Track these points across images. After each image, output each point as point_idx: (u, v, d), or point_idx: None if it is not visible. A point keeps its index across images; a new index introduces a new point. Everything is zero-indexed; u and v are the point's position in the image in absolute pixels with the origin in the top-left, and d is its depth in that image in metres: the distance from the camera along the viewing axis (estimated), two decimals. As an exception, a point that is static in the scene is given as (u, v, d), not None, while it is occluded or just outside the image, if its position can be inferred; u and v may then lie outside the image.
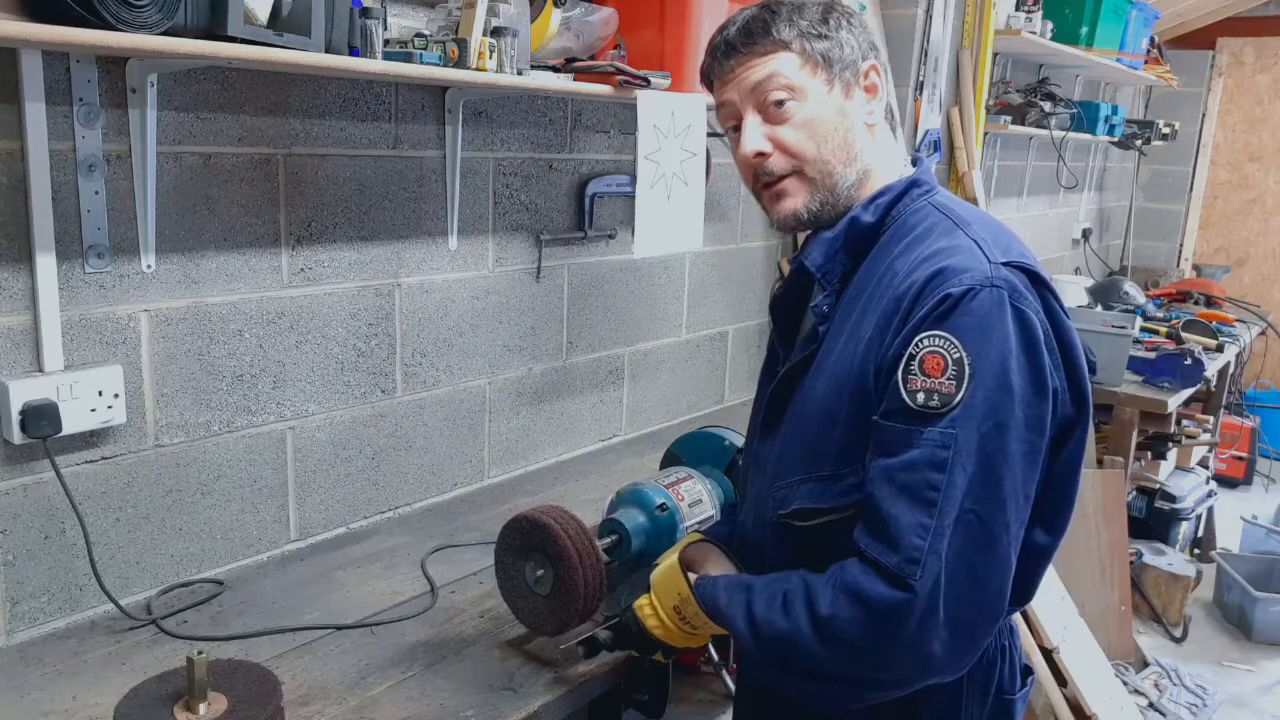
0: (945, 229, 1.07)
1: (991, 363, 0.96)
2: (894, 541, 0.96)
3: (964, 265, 1.00)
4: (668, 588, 1.20)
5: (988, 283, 0.98)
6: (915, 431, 0.97)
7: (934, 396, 0.97)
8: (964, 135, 3.24)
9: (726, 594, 1.12)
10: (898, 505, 0.97)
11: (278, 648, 1.41)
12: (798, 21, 1.10)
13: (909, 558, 0.95)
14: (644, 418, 2.55)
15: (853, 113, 1.12)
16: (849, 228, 1.12)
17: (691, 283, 2.61)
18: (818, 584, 1.02)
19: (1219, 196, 5.72)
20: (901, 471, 0.97)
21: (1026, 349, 0.98)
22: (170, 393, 1.53)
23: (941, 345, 0.97)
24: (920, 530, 0.95)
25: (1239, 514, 4.06)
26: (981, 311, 0.97)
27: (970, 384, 0.96)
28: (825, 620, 1.00)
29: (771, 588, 1.08)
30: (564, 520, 1.32)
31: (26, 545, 1.41)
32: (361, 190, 1.75)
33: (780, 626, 1.04)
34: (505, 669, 1.37)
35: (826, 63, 1.10)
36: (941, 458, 0.96)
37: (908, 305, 1.01)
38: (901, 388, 0.98)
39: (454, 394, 2.01)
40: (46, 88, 1.31)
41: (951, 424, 0.96)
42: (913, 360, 0.98)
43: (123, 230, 1.43)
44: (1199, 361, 3.32)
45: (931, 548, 0.95)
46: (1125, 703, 2.73)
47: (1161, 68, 4.68)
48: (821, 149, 1.11)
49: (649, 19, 1.94)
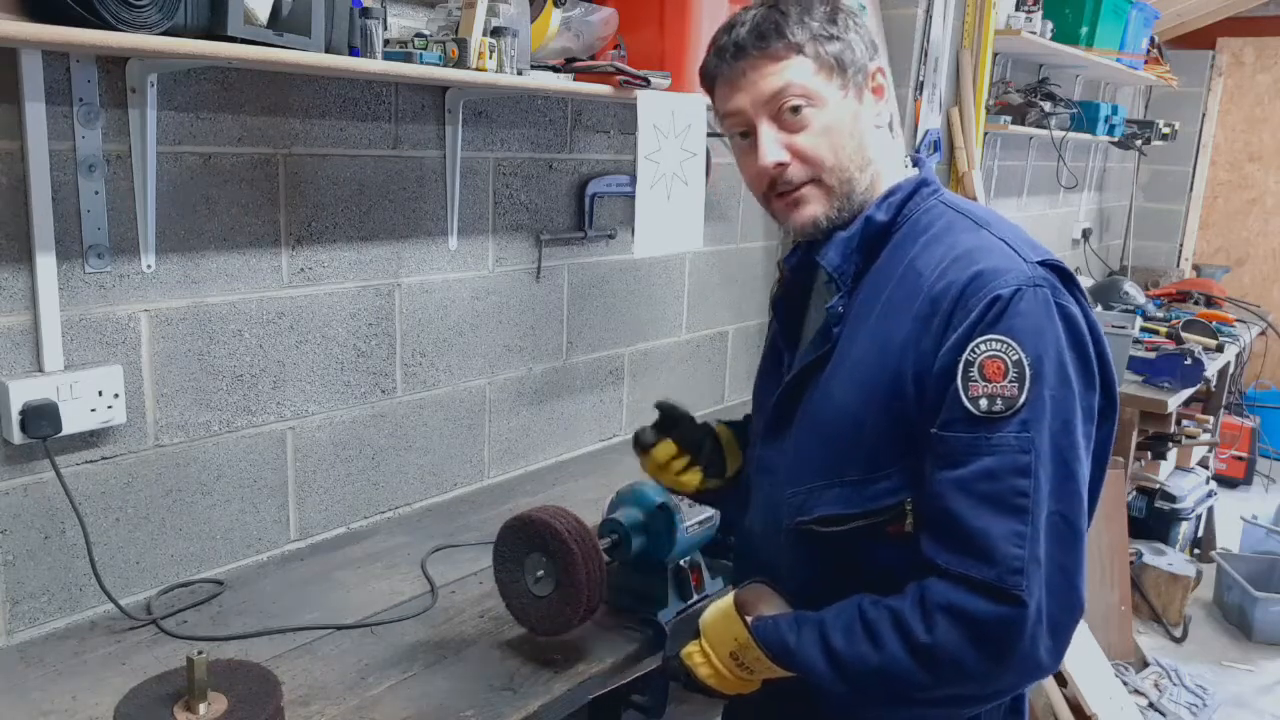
0: (964, 227, 1.07)
1: (1050, 361, 0.97)
2: (988, 555, 0.94)
3: (1003, 266, 1.00)
4: (721, 634, 1.13)
5: (1030, 282, 0.99)
6: (981, 438, 0.96)
7: (997, 401, 0.96)
8: (964, 135, 3.24)
9: (794, 634, 1.06)
10: (983, 517, 0.95)
11: (278, 648, 1.41)
12: (809, 23, 1.07)
13: (1010, 569, 0.93)
14: (644, 418, 2.54)
15: (865, 116, 1.11)
16: (864, 227, 1.11)
17: (691, 283, 2.61)
18: (904, 609, 0.99)
19: (1219, 196, 5.72)
20: (979, 481, 0.96)
21: (1075, 344, 1.00)
22: (170, 393, 1.53)
23: (1000, 349, 0.96)
24: (1016, 539, 0.94)
25: (1239, 514, 4.06)
26: (1032, 311, 0.97)
27: (1034, 385, 0.96)
28: (927, 647, 0.96)
29: (843, 620, 1.03)
30: (565, 519, 1.32)
31: (26, 545, 1.41)
32: (361, 190, 1.75)
33: (872, 661, 1.00)
34: (505, 669, 1.37)
35: (840, 67, 1.08)
36: (1024, 463, 0.95)
37: (949, 308, 1.00)
38: (963, 395, 0.97)
39: (454, 394, 2.01)
40: (46, 88, 1.31)
41: (1024, 426, 0.95)
42: (971, 366, 0.97)
43: (123, 230, 1.43)
44: (1199, 361, 3.32)
45: (1031, 555, 0.93)
46: (1125, 703, 2.73)
47: (1161, 68, 4.68)
48: (839, 156, 1.09)
49: (649, 19, 1.94)
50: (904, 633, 0.98)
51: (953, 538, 0.97)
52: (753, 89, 1.08)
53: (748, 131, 1.11)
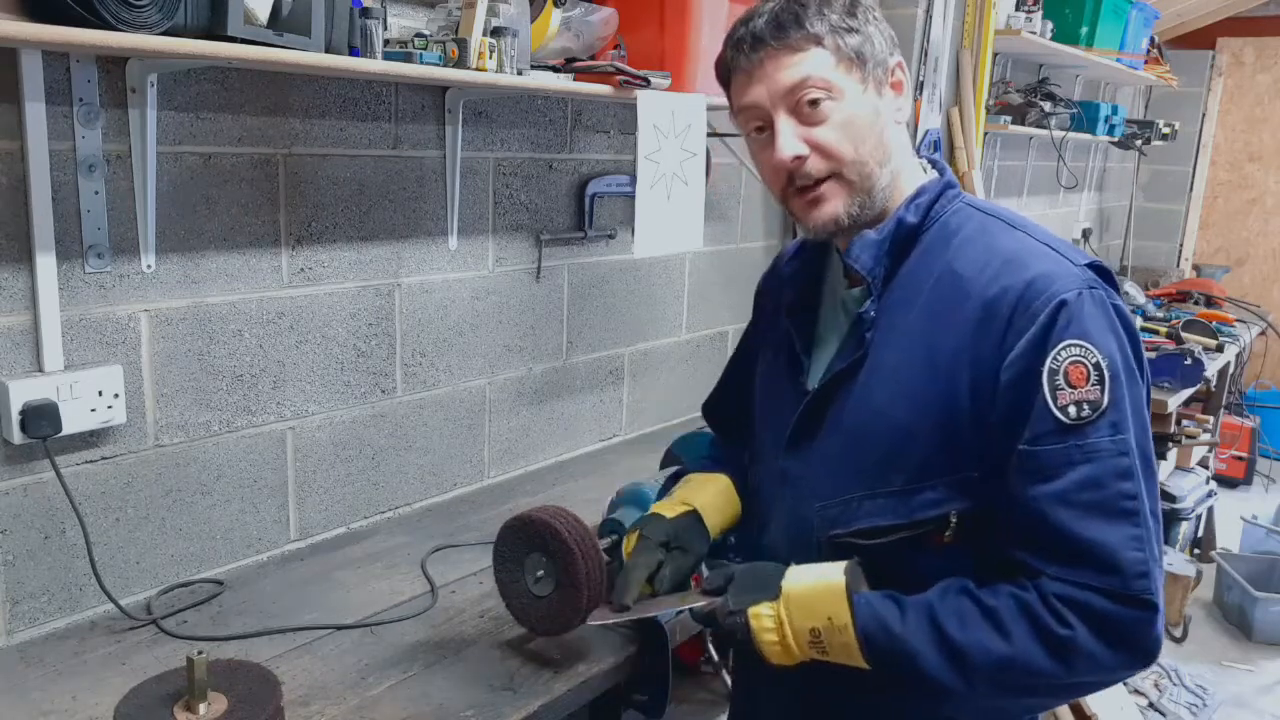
0: (999, 229, 1.07)
1: (1122, 361, 0.98)
2: (1112, 564, 0.94)
3: (1057, 270, 1.00)
4: (813, 607, 1.03)
5: (1088, 284, 0.99)
6: (1073, 447, 0.95)
7: (1084, 407, 0.95)
8: (964, 135, 3.24)
9: (897, 618, 1.00)
10: (1093, 526, 0.94)
11: (278, 648, 1.41)
12: (828, 15, 1.04)
13: (1136, 574, 0.94)
14: (644, 418, 2.55)
15: (885, 111, 1.09)
16: (896, 229, 1.08)
17: (691, 283, 2.61)
18: (1031, 600, 0.97)
19: (1219, 196, 5.72)
20: (1082, 491, 0.95)
21: (1131, 340, 1.01)
22: (170, 393, 1.53)
23: (1080, 353, 0.96)
24: (1135, 543, 0.94)
25: (1239, 514, 4.06)
26: (1098, 313, 0.98)
27: (1113, 385, 0.96)
28: (1063, 640, 0.95)
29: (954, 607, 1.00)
30: (565, 519, 1.32)
31: (26, 545, 1.41)
32: (361, 190, 1.75)
33: (999, 651, 0.97)
34: (505, 669, 1.37)
35: (860, 59, 1.06)
36: (1125, 465, 0.95)
37: (1007, 314, 0.99)
38: (1051, 405, 0.96)
39: (454, 394, 2.01)
40: (46, 88, 1.31)
41: (1115, 428, 0.96)
42: (1056, 374, 0.96)
43: (123, 230, 1.43)
44: (1199, 361, 3.32)
45: (1151, 555, 0.95)
46: (1125, 703, 2.73)
47: (1161, 68, 4.68)
48: (860, 150, 1.06)
49: (649, 19, 1.94)
50: (1035, 624, 0.96)
51: (1063, 550, 0.95)
52: (770, 81, 1.05)
53: (765, 126, 1.08)
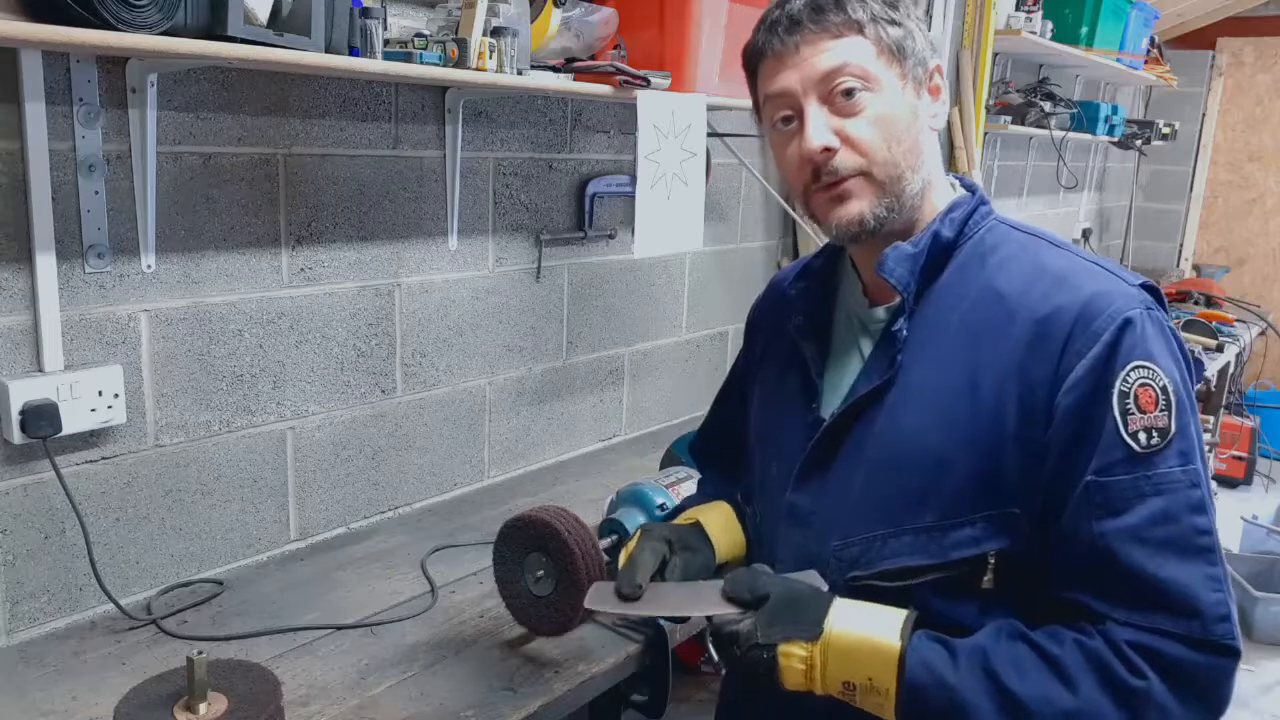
0: (1042, 248, 1.02)
1: (1183, 385, 0.92)
2: (1186, 607, 0.87)
3: (1115, 289, 0.95)
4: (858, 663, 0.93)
5: (1146, 305, 0.94)
6: (1143, 478, 0.89)
7: (1153, 434, 0.89)
8: (964, 135, 3.24)
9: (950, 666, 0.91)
10: (1167, 565, 0.87)
11: (278, 648, 1.41)
12: (870, 3, 0.98)
13: (1217, 616, 0.87)
14: (644, 418, 2.55)
15: (923, 113, 1.02)
16: (932, 243, 1.01)
17: (691, 283, 2.61)
18: (1099, 649, 0.89)
19: (1219, 196, 5.73)
20: (1154, 526, 0.88)
21: (1186, 364, 0.96)
22: (170, 393, 1.53)
23: (1149, 376, 0.90)
24: (1213, 583, 0.87)
25: (1239, 514, 4.06)
26: (1158, 335, 0.93)
27: (1179, 412, 0.91)
28: (1136, 692, 0.87)
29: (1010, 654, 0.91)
30: (565, 519, 1.32)
31: (26, 545, 1.41)
32: (361, 190, 1.75)
33: (1064, 704, 0.88)
34: (505, 669, 1.37)
35: (900, 54, 0.99)
36: (1198, 498, 0.89)
37: (1064, 333, 0.92)
38: (1122, 431, 0.89)
39: (454, 394, 2.01)
40: (46, 88, 1.31)
41: (1185, 458, 0.90)
42: (1126, 398, 0.89)
43: (123, 230, 1.43)
44: (1199, 361, 3.32)
45: (1229, 596, 0.89)
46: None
47: (1161, 68, 4.68)
48: (892, 149, 0.98)
49: (649, 19, 1.94)
50: (1104, 674, 0.88)
51: (1134, 592, 0.88)
52: (805, 66, 0.97)
53: (793, 116, 1.00)
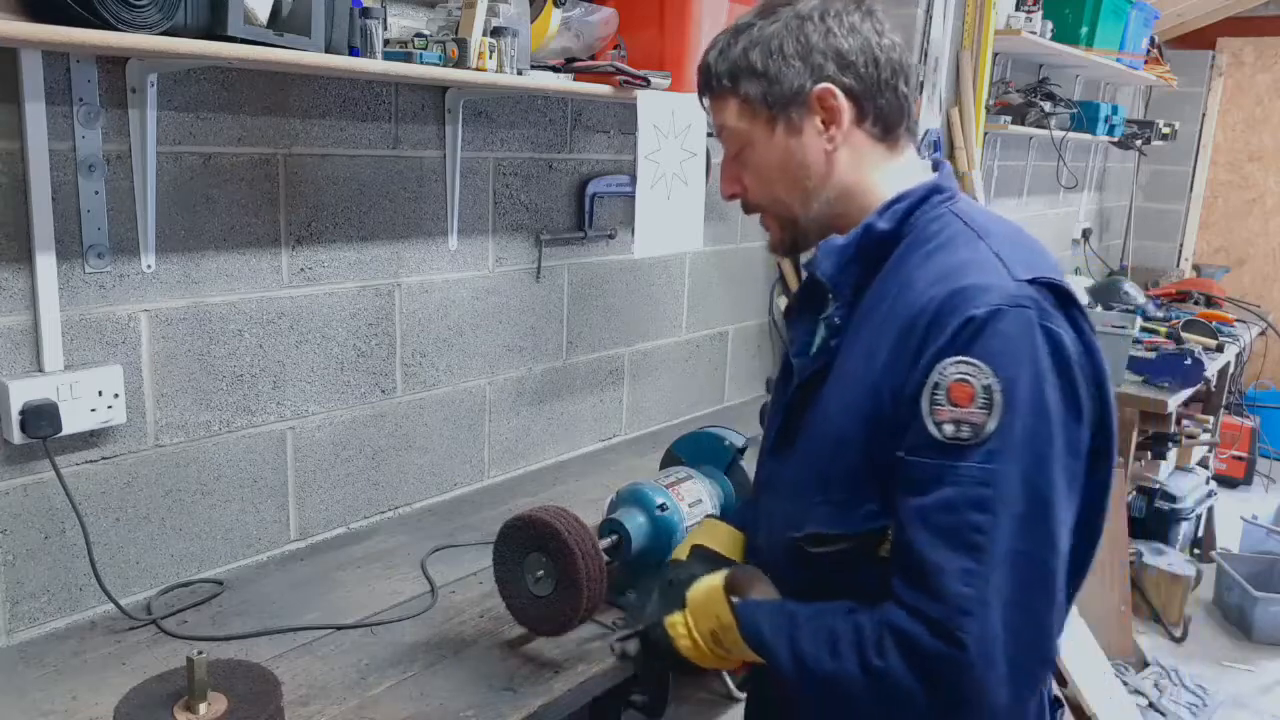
0: (965, 240, 1.01)
1: (1025, 389, 0.90)
2: (937, 591, 0.90)
3: (986, 283, 0.94)
4: (706, 611, 1.12)
5: (1013, 302, 0.92)
6: (947, 467, 0.91)
7: (963, 428, 0.91)
8: (964, 135, 3.24)
9: (770, 624, 1.05)
10: (938, 551, 0.91)
11: (278, 648, 1.41)
12: (736, 61, 1.07)
13: (959, 608, 0.89)
14: (644, 418, 2.55)
15: (805, 148, 1.07)
16: (862, 236, 1.06)
17: (691, 283, 2.61)
18: (867, 627, 0.96)
19: (1219, 196, 5.72)
20: (938, 513, 0.91)
21: (1060, 371, 0.93)
22: (170, 393, 1.53)
23: (968, 372, 0.91)
24: (966, 577, 0.89)
25: (1239, 514, 4.06)
26: (1010, 334, 0.91)
27: (1005, 413, 0.90)
28: (878, 670, 0.93)
29: (817, 623, 1.01)
30: (565, 519, 1.32)
31: (26, 545, 1.41)
32: (361, 190, 1.75)
33: (828, 668, 0.98)
34: (505, 669, 1.37)
35: (765, 102, 1.06)
36: (982, 496, 0.90)
37: (925, 326, 0.95)
38: (928, 419, 0.92)
39: (454, 394, 2.01)
40: (46, 88, 1.31)
41: (989, 458, 0.90)
42: (938, 389, 0.91)
43: (123, 230, 1.43)
44: (1199, 361, 3.32)
45: (980, 597, 0.89)
46: (1125, 703, 2.73)
47: (1161, 68, 4.68)
48: (773, 192, 1.10)
49: (649, 19, 1.94)
50: (860, 650, 0.95)
51: (910, 568, 0.93)
52: (713, 118, 1.14)
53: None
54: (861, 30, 1.05)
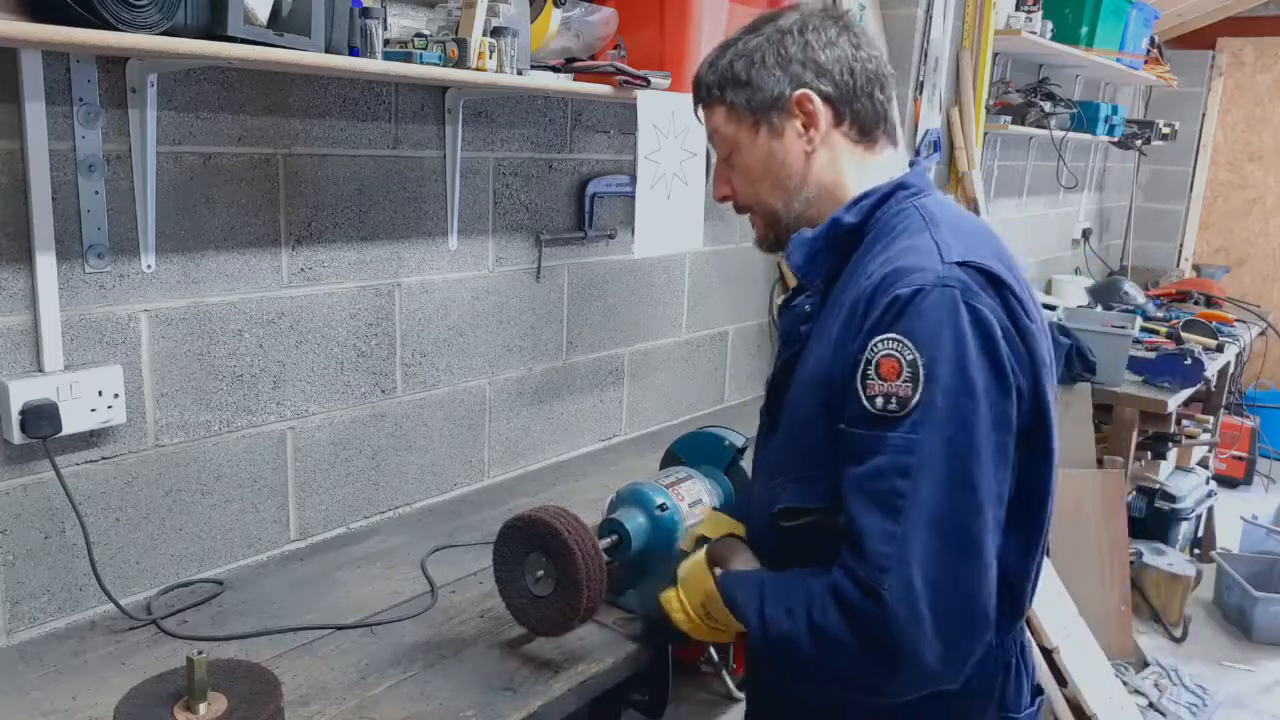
0: (916, 229, 1.07)
1: (948, 363, 0.96)
2: (863, 551, 0.97)
3: (915, 266, 1.01)
4: (694, 584, 1.21)
5: (938, 282, 0.98)
6: (879, 437, 0.98)
7: (891, 400, 0.97)
8: (964, 135, 3.24)
9: (744, 592, 1.13)
10: (867, 514, 0.97)
11: (278, 648, 1.41)
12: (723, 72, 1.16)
13: (878, 566, 0.95)
14: (644, 418, 2.55)
15: (786, 150, 1.15)
16: (830, 229, 1.14)
17: (691, 283, 2.61)
18: (815, 588, 1.03)
19: (1219, 196, 5.72)
20: (869, 479, 0.98)
21: (984, 346, 0.98)
22: (170, 393, 1.53)
23: (895, 348, 0.97)
24: (886, 538, 0.95)
25: (1239, 514, 4.06)
26: (932, 312, 0.97)
27: (927, 386, 0.96)
28: (819, 627, 1.01)
29: (781, 587, 1.09)
30: (565, 519, 1.32)
31: (26, 545, 1.41)
32: (361, 190, 1.75)
33: (784, 628, 1.05)
34: (505, 669, 1.37)
35: (750, 108, 1.15)
36: (905, 463, 0.96)
37: (864, 307, 1.02)
38: (861, 393, 0.99)
39: (454, 394, 2.01)
40: (46, 88, 1.31)
41: (913, 428, 0.96)
42: (869, 365, 0.99)
43: (123, 230, 1.43)
44: (1199, 361, 3.32)
45: (899, 555, 0.95)
46: (1125, 703, 2.73)
47: (1161, 68, 4.68)
48: (758, 191, 1.18)
49: (649, 19, 1.94)
50: (808, 610, 1.02)
51: (849, 532, 1.00)
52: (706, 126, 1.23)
53: None
54: (838, 44, 1.14)
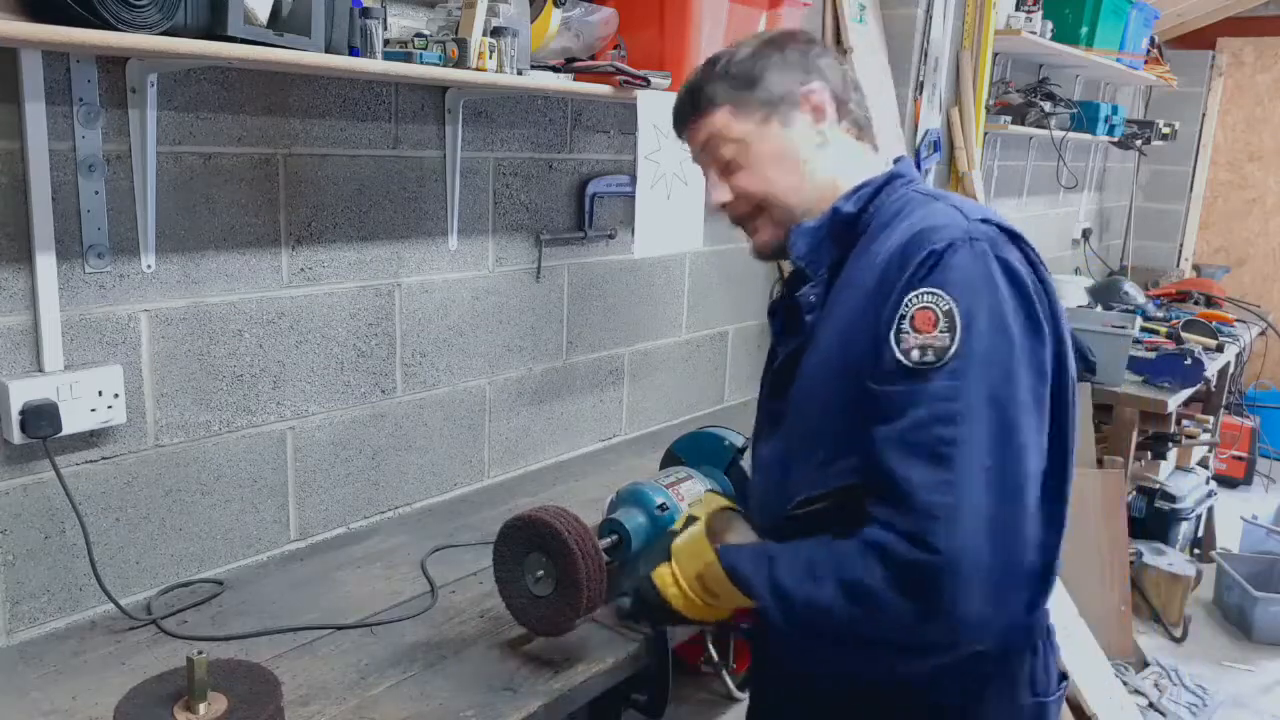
0: (922, 203, 1.10)
1: (985, 311, 0.96)
2: (909, 502, 0.94)
3: (941, 223, 1.02)
4: (691, 555, 1.17)
5: (966, 236, 1.00)
6: (915, 390, 0.96)
7: (928, 352, 0.96)
8: (964, 135, 3.24)
9: (751, 563, 1.10)
10: (910, 466, 0.95)
11: (278, 648, 1.41)
12: (724, 78, 1.16)
13: (928, 514, 0.93)
14: (644, 418, 2.55)
15: (796, 139, 1.16)
16: (831, 218, 1.14)
17: (691, 283, 2.61)
18: (844, 548, 1.00)
19: (1219, 196, 5.72)
20: (910, 432, 0.96)
21: (1017, 294, 0.99)
22: (170, 393, 1.53)
23: (930, 300, 0.97)
24: (936, 487, 0.93)
25: (1239, 514, 4.06)
26: (966, 263, 0.98)
27: (966, 334, 0.95)
28: (855, 584, 0.98)
29: (794, 555, 1.06)
30: (565, 519, 1.32)
31: (26, 545, 1.41)
32: (361, 190, 1.75)
33: (808, 593, 1.02)
34: (505, 669, 1.37)
35: (760, 104, 1.15)
36: (950, 410, 0.94)
37: (895, 272, 1.01)
38: (895, 348, 0.98)
39: (454, 394, 2.01)
40: (46, 88, 1.31)
41: (953, 375, 0.95)
42: (904, 319, 0.98)
43: (123, 230, 1.43)
44: (1199, 361, 3.32)
45: (949, 503, 0.93)
46: (1125, 703, 2.73)
47: (1161, 68, 4.68)
48: (773, 186, 1.16)
49: (649, 19, 1.94)
50: (838, 569, 1.00)
51: (884, 489, 0.97)
52: (693, 143, 1.22)
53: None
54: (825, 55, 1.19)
